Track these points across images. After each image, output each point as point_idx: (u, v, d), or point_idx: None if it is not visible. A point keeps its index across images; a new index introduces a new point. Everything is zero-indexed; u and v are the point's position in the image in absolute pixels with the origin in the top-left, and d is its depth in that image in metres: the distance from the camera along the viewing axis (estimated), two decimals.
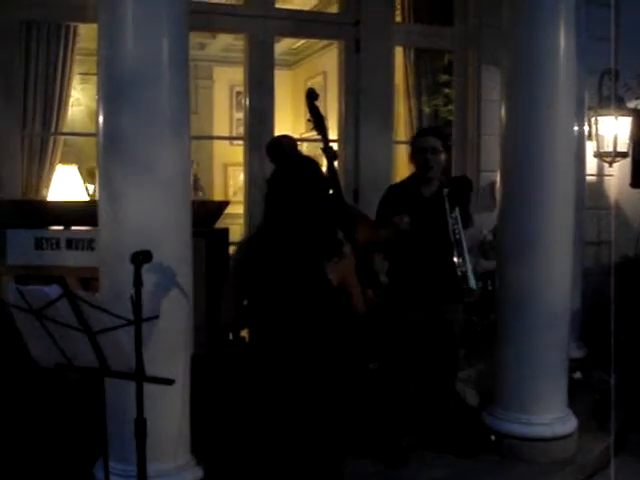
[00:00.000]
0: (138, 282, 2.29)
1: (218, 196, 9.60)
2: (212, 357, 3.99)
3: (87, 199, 6.14)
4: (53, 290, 2.32)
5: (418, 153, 4.34)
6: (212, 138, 9.34)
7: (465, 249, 4.22)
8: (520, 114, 4.39)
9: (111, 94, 3.36)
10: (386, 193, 4.52)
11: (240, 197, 8.28)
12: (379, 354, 4.66)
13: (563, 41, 4.29)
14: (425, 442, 4.46)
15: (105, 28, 3.42)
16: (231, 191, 9.89)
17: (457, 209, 4.26)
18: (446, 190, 4.25)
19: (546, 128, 4.31)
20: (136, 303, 2.24)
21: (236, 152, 9.30)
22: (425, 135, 4.42)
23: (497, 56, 5.76)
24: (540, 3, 4.27)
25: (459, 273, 4.20)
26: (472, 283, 4.21)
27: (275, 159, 4.73)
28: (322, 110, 5.17)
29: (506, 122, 4.50)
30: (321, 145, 5.10)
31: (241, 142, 6.13)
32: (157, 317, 2.27)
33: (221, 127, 9.81)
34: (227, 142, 9.96)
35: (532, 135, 4.31)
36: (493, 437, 4.43)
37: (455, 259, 4.20)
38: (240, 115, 9.34)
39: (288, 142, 5.05)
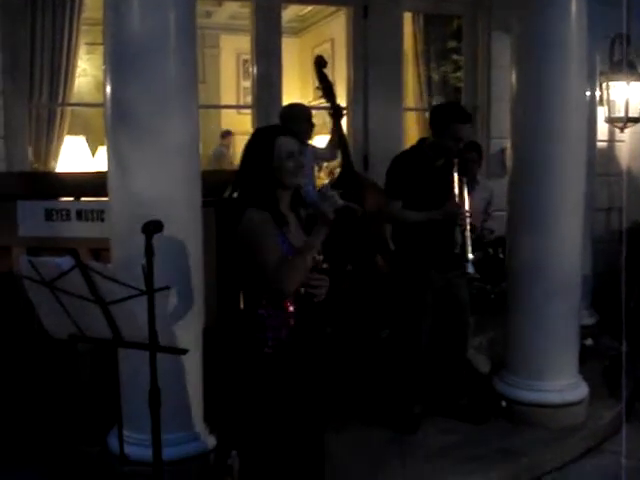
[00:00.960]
0: (149, 252, 2.29)
1: (226, 165, 9.56)
2: (223, 329, 4.00)
3: (96, 170, 6.13)
4: (65, 261, 2.31)
5: (451, 139, 4.13)
6: (220, 107, 9.30)
7: (467, 229, 4.14)
8: (531, 79, 4.35)
9: (118, 64, 3.33)
10: (396, 163, 4.41)
11: None
12: (391, 320, 4.68)
13: (574, 6, 4.23)
14: (437, 409, 4.47)
15: None
16: (238, 159, 9.86)
17: (465, 180, 4.20)
18: (456, 160, 4.19)
19: (557, 93, 4.28)
20: (148, 273, 2.24)
21: (243, 121, 9.27)
22: (464, 122, 4.18)
23: (507, 21, 5.70)
24: None
25: (457, 251, 4.15)
26: (470, 268, 4.15)
27: (287, 127, 4.73)
28: (330, 77, 5.15)
29: (517, 88, 4.46)
30: (330, 111, 5.11)
31: (249, 111, 6.10)
32: (168, 288, 2.26)
33: (228, 96, 9.77)
34: (234, 111, 9.91)
35: (543, 100, 4.28)
36: (504, 403, 4.45)
37: (456, 236, 4.16)
38: (247, 84, 9.30)
39: (299, 110, 5.03)
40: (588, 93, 4.72)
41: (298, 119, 4.87)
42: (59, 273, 2.33)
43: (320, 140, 6.25)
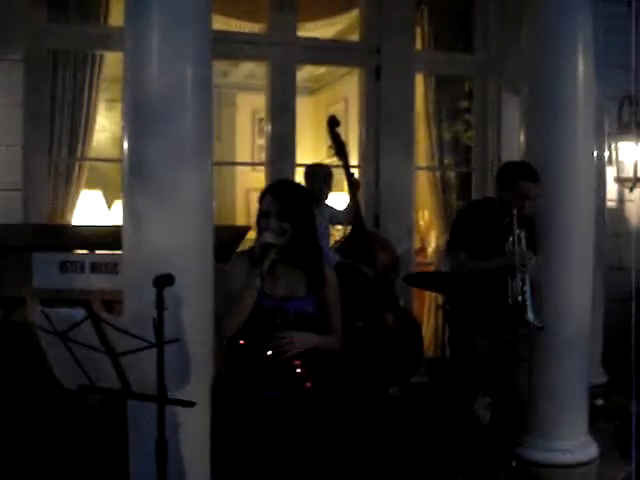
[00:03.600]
0: (160, 305, 2.33)
1: (241, 221, 9.66)
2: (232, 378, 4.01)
3: (111, 224, 6.22)
4: (77, 312, 2.36)
5: (516, 197, 4.06)
6: (234, 164, 9.42)
7: (528, 275, 4.04)
8: (539, 141, 4.43)
9: (136, 121, 3.42)
10: (463, 216, 4.45)
11: None
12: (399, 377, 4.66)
13: (582, 68, 4.33)
14: None
15: (131, 57, 3.48)
16: (253, 216, 9.93)
17: (523, 231, 4.17)
18: (515, 210, 4.14)
19: (565, 154, 4.35)
20: (158, 326, 2.28)
21: (258, 177, 9.38)
22: (533, 180, 4.10)
23: (517, 83, 5.84)
24: (559, 32, 4.31)
25: (518, 300, 4.02)
26: (530, 315, 4.01)
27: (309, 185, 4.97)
28: (343, 136, 5.28)
29: (526, 148, 4.53)
30: (343, 172, 5.23)
31: (262, 167, 6.20)
32: (178, 340, 2.30)
33: (244, 153, 9.89)
34: (249, 167, 10.04)
35: (552, 161, 4.34)
36: (514, 463, 4.41)
37: (513, 283, 4.04)
38: (262, 141, 9.44)
39: (313, 171, 5.21)
40: (596, 153, 4.78)
41: (314, 178, 5.03)
42: (71, 324, 2.37)
43: (334, 198, 6.33)
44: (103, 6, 5.51)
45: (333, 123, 5.27)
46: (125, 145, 3.44)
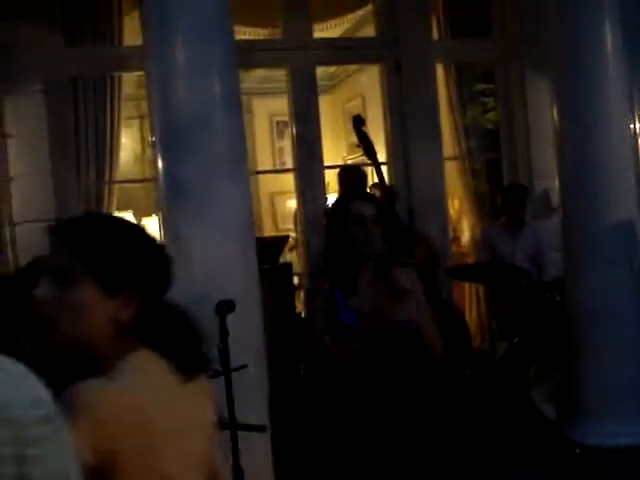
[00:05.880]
0: (224, 332, 2.28)
1: (267, 226, 9.62)
2: (285, 393, 3.98)
3: None
4: None
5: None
6: (263, 173, 9.33)
7: None
8: (573, 119, 4.35)
9: (168, 139, 3.40)
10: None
11: (288, 225, 8.33)
12: None
13: (611, 41, 4.24)
14: None
15: (156, 74, 3.46)
16: (280, 220, 9.90)
17: None
18: None
19: (600, 130, 4.29)
20: (223, 353, 2.24)
21: (281, 181, 9.33)
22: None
23: (539, 63, 5.74)
24: (588, 5, 4.22)
25: None
26: None
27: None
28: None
29: (560, 128, 4.45)
30: (373, 170, 5.17)
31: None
32: (246, 366, 2.25)
33: (264, 157, 9.85)
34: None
35: (591, 135, 4.27)
36: (578, 450, 4.34)
37: None
38: (282, 144, 9.38)
39: (345, 173, 5.16)
40: (632, 126, 4.69)
41: (347, 181, 4.98)
42: None
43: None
44: (116, 27, 5.49)
45: (359, 122, 5.19)
46: (159, 164, 3.42)
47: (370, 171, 5.55)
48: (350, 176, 5.15)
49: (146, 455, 1.32)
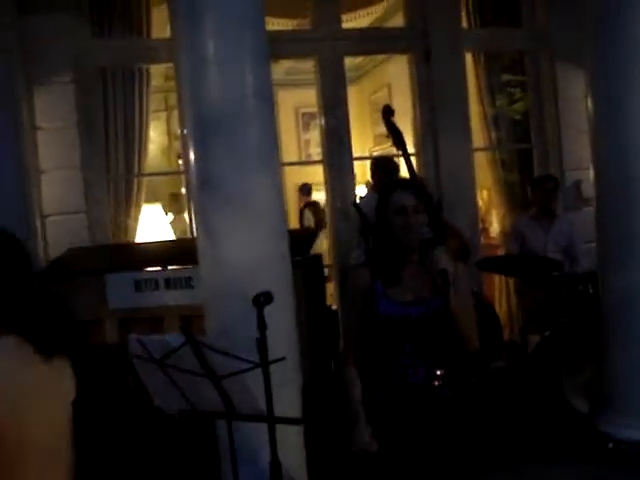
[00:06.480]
0: (262, 325, 2.25)
1: (293, 218, 9.59)
2: (317, 386, 3.95)
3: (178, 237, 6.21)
4: (174, 338, 2.30)
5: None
6: (295, 164, 9.29)
7: None
8: (608, 116, 4.26)
9: (199, 132, 3.36)
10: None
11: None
12: None
13: None
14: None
15: (186, 67, 3.41)
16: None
17: None
18: None
19: (635, 127, 4.17)
20: (261, 345, 2.21)
21: (307, 173, 9.31)
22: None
23: (570, 52, 5.66)
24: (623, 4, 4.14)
25: None
26: None
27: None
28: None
29: (594, 125, 4.37)
30: (403, 160, 5.12)
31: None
32: (284, 358, 2.23)
33: (290, 149, 9.83)
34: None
35: (623, 135, 4.19)
36: (611, 444, 4.28)
37: None
38: (307, 136, 9.34)
39: (378, 163, 5.14)
40: None
41: (381, 170, 4.94)
42: (169, 350, 2.31)
43: None
44: (145, 19, 5.48)
45: (388, 113, 5.14)
46: (191, 157, 3.39)
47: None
48: (383, 167, 5.10)
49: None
